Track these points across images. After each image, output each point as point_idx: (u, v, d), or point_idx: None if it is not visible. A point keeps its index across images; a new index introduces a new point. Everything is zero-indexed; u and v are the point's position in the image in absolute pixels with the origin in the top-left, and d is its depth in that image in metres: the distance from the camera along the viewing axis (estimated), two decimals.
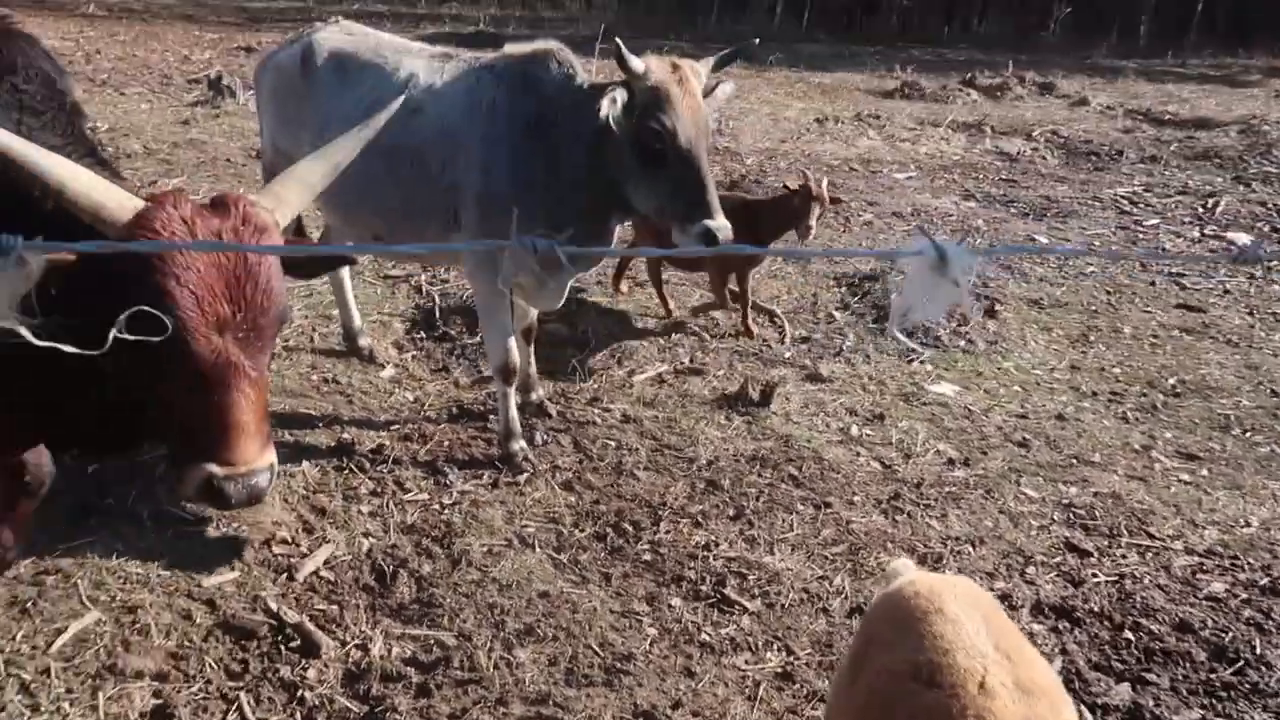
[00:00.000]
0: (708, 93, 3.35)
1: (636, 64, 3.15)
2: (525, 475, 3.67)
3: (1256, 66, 20.46)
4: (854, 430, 4.17)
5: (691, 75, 3.19)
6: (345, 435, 3.90)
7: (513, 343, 3.70)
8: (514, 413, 3.78)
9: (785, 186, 4.95)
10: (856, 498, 3.63)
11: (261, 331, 2.03)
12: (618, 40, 3.16)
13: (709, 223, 3.15)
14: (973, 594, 1.81)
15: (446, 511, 3.44)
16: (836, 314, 5.45)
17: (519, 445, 3.76)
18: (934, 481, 3.77)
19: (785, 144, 10.70)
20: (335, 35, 3.95)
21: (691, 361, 4.75)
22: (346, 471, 3.64)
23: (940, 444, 4.08)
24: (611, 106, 3.12)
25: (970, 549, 3.35)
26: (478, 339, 4.69)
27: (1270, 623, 3.04)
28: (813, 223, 4.73)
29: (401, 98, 2.76)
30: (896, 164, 9.80)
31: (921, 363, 4.89)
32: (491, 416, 4.03)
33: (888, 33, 22.42)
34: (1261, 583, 3.24)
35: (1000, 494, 3.71)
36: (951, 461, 3.94)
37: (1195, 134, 12.11)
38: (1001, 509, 3.62)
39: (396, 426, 4.03)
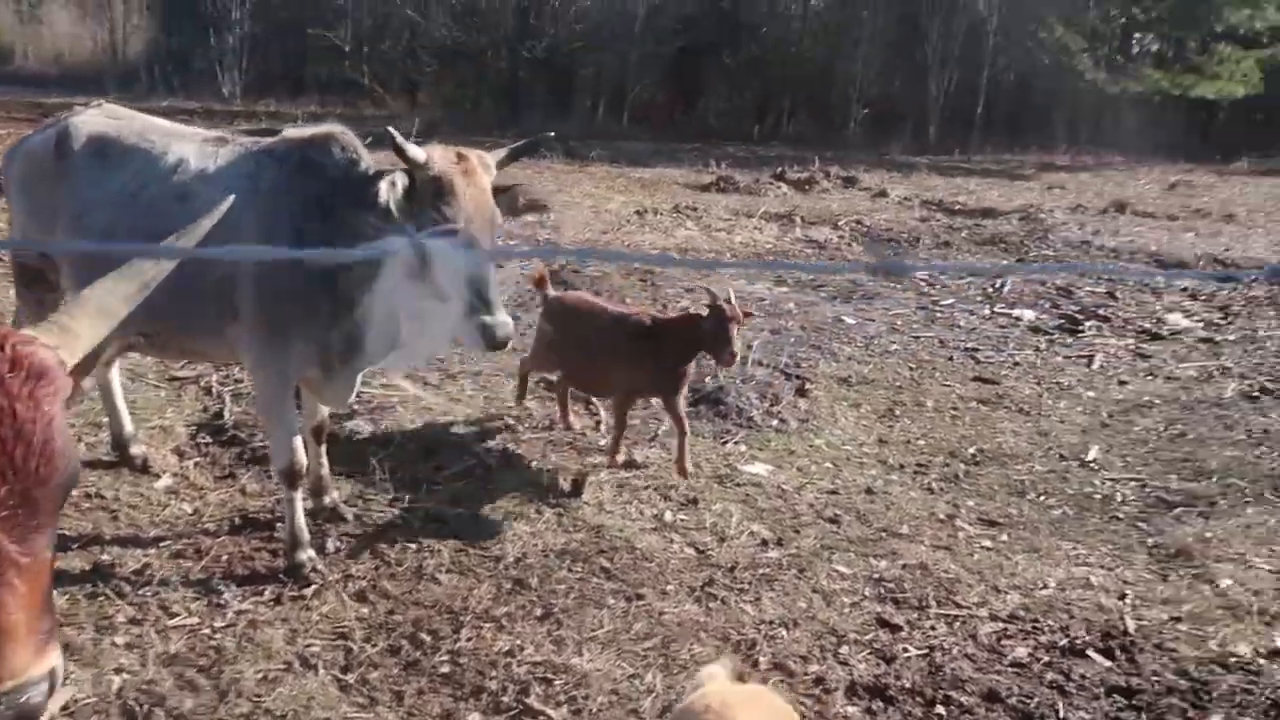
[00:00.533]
0: (504, 189, 3.23)
1: (416, 152, 3.01)
2: (314, 588, 3.35)
3: (1030, 162, 22.65)
4: (668, 516, 4.08)
5: (479, 166, 3.07)
6: (104, 557, 3.46)
7: (299, 442, 3.42)
8: (301, 520, 3.47)
9: (694, 313, 4.42)
10: (670, 587, 3.50)
11: (37, 507, 1.52)
12: (391, 130, 3.01)
13: (487, 318, 2.97)
14: (769, 710, 1.69)
15: (218, 635, 3.07)
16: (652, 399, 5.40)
17: (307, 555, 3.44)
18: (748, 564, 3.70)
19: (607, 235, 10.83)
20: (95, 118, 3.64)
21: (503, 454, 4.56)
22: (101, 599, 3.21)
23: (754, 525, 4.03)
24: (390, 191, 2.97)
25: (784, 632, 3.27)
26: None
27: (1071, 684, 3.08)
28: (736, 347, 4.08)
29: (230, 199, 2.43)
30: (713, 252, 10.08)
31: (736, 444, 4.89)
32: (279, 525, 3.69)
33: (704, 131, 23.50)
34: (1061, 644, 3.30)
35: (813, 573, 3.67)
36: (765, 542, 3.89)
37: (982, 222, 13.13)
38: (815, 588, 3.57)
39: (168, 543, 3.62)
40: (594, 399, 5.17)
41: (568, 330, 4.65)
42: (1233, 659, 3.23)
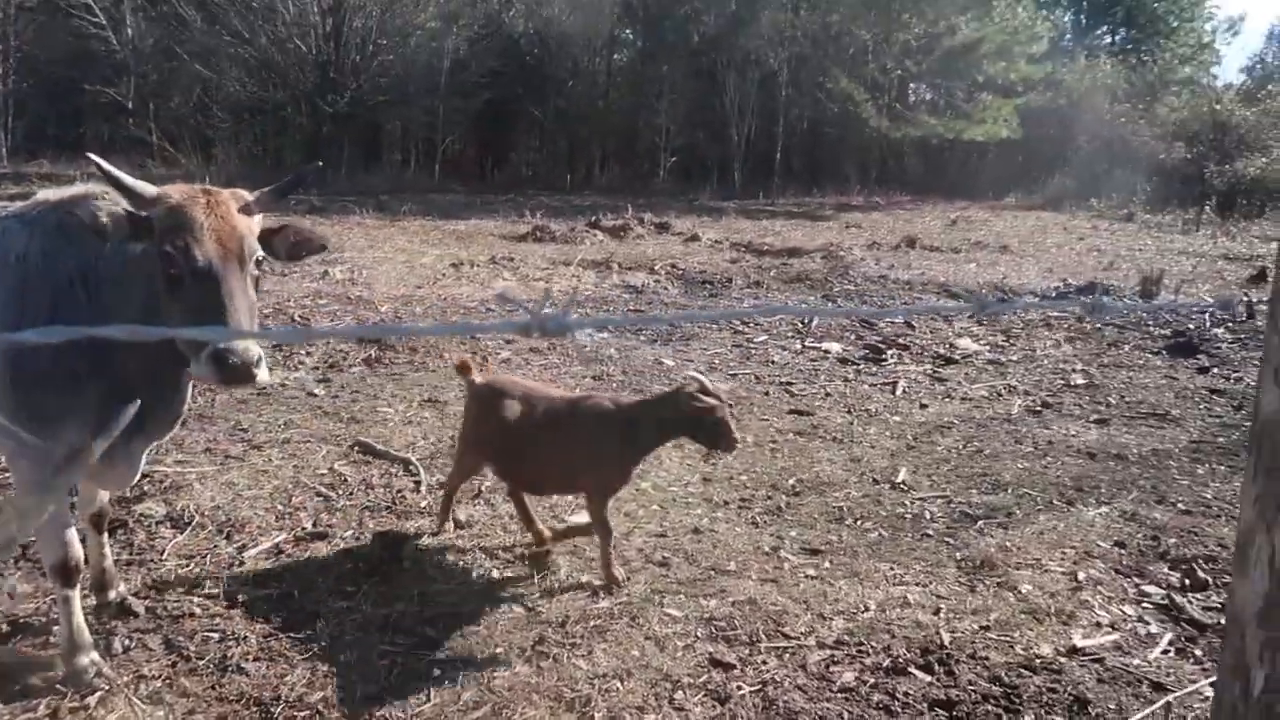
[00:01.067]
0: (274, 230, 3.01)
1: (143, 188, 2.77)
2: (98, 695, 3.00)
3: (829, 204, 24.02)
4: (494, 575, 3.94)
5: (230, 199, 2.86)
6: None
7: (73, 534, 3.07)
8: (79, 620, 3.10)
9: (668, 393, 3.96)
10: (498, 649, 3.36)
11: None
12: (96, 159, 2.77)
13: (219, 346, 2.57)
14: None
15: None
16: None
17: (89, 659, 3.08)
18: (579, 617, 3.61)
19: (421, 289, 10.62)
20: None
21: (315, 525, 4.29)
22: None
23: (584, 575, 3.96)
24: (109, 222, 2.75)
25: (619, 684, 3.20)
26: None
27: (896, 703, 3.17)
28: (735, 433, 3.78)
29: None
30: (532, 302, 10.03)
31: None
32: (55, 629, 3.30)
33: (517, 182, 23.58)
34: (885, 664, 3.39)
35: (645, 619, 3.63)
36: (595, 593, 3.82)
37: (789, 261, 13.77)
38: (647, 635, 3.53)
39: None
40: (411, 462, 4.97)
41: (507, 422, 3.97)
42: (1037, 660, 3.42)
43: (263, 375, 2.76)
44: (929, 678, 3.32)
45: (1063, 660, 3.43)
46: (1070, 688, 3.24)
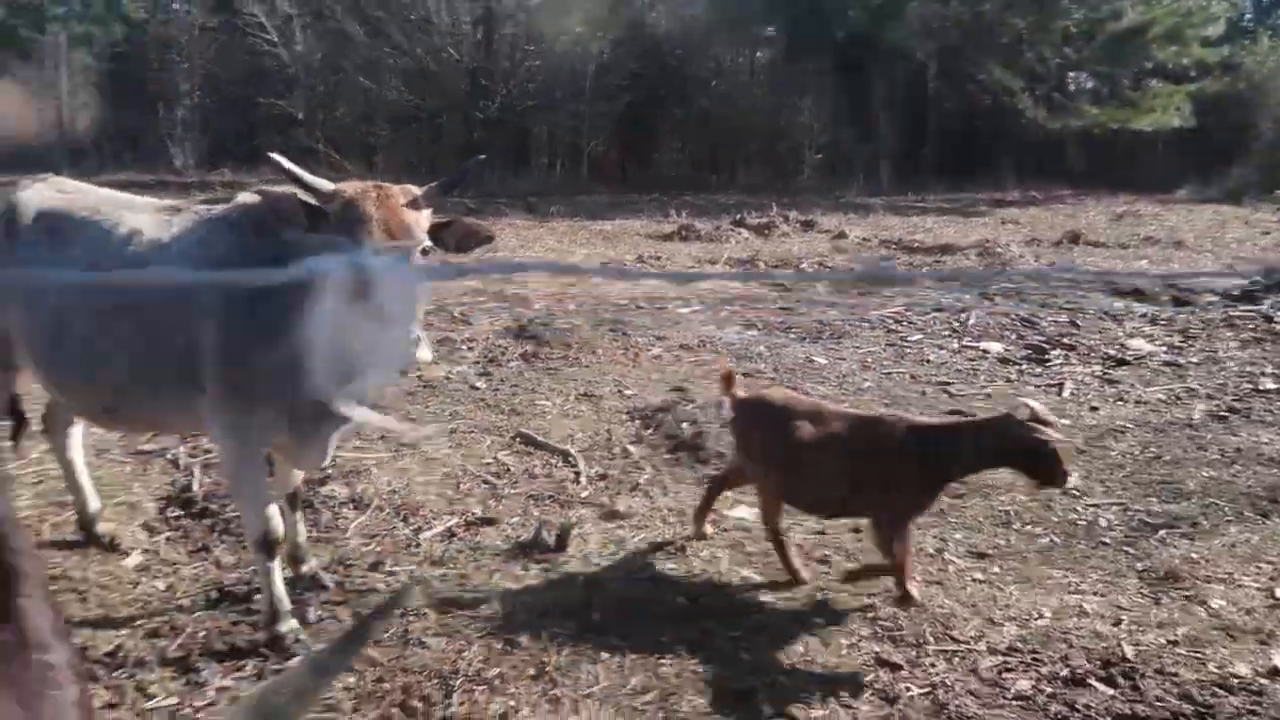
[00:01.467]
0: (443, 225, 3.17)
1: (321, 184, 3.00)
2: (297, 660, 3.22)
3: (982, 199, 23.12)
4: (657, 566, 4.00)
5: (399, 193, 3.03)
6: (75, 640, 3.30)
7: (274, 510, 3.32)
8: (280, 590, 3.35)
9: (987, 419, 3.66)
10: (664, 638, 3.41)
11: None
12: (277, 157, 3.00)
13: None
14: None
15: (200, 715, 2.94)
16: (631, 448, 5.36)
17: (288, 626, 3.32)
18: (741, 610, 3.63)
19: (573, 286, 10.85)
20: (43, 193, 3.57)
21: (483, 511, 4.47)
22: None
23: (744, 570, 3.97)
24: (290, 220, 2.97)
25: (784, 678, 3.20)
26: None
27: (1076, 714, 3.04)
28: (1073, 477, 3.58)
29: None
30: (680, 300, 10.11)
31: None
32: (256, 597, 3.57)
33: (660, 182, 23.76)
34: (1062, 674, 3.25)
35: (808, 615, 3.61)
36: (757, 587, 3.83)
37: (942, 258, 13.36)
38: (810, 630, 3.50)
39: (142, 621, 3.48)
40: (570, 453, 5.11)
41: (792, 439, 3.69)
42: (1234, 680, 3.21)
43: (423, 354, 2.96)
44: (1112, 691, 3.17)
45: (1263, 681, 3.20)
46: (1273, 710, 3.02)
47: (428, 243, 3.07)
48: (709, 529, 4.24)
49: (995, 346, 8.12)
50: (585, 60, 28.85)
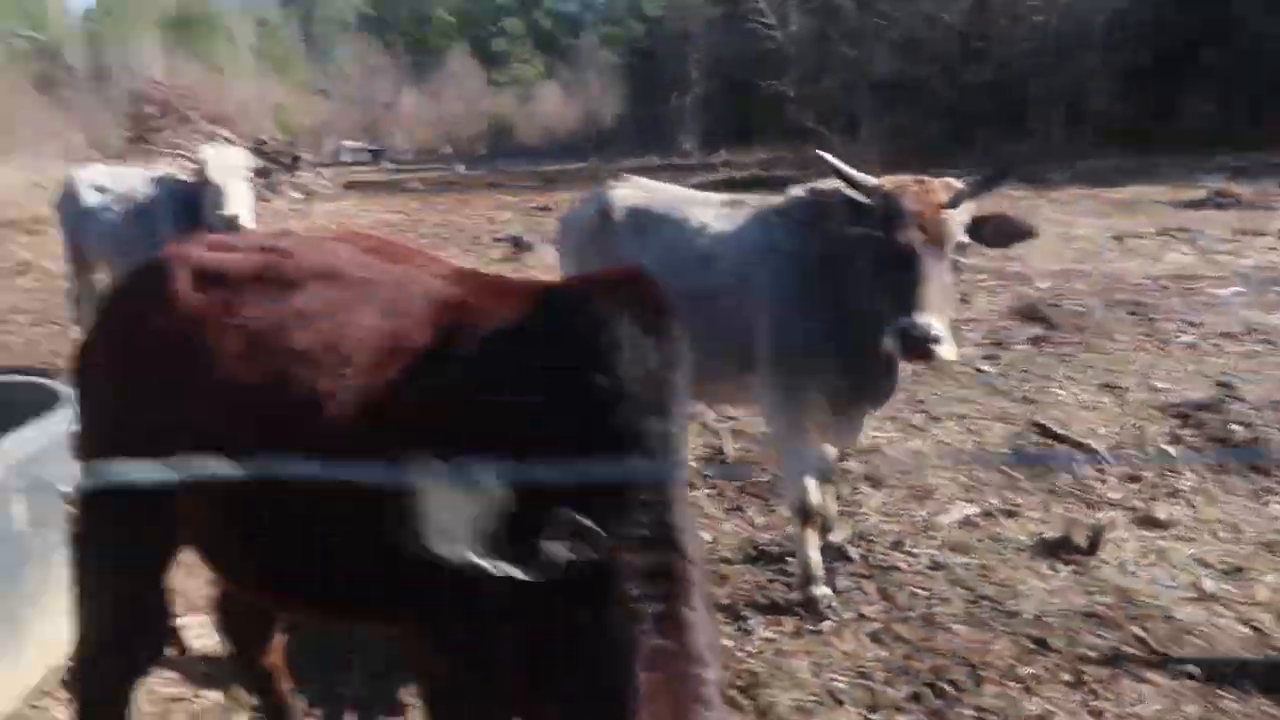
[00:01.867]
0: (984, 220, 3.14)
1: (865, 179, 3.16)
2: (830, 624, 3.48)
3: None
4: (1207, 585, 3.61)
5: (938, 189, 3.06)
6: None
7: (813, 482, 3.59)
8: (816, 556, 3.63)
9: None
10: (1227, 669, 3.09)
11: None
12: (825, 154, 3.27)
13: (904, 319, 2.93)
14: None
15: (750, 660, 3.31)
16: (1169, 448, 4.86)
17: (822, 591, 3.59)
18: None
19: (1082, 264, 10.03)
20: (630, 192, 4.18)
21: (1002, 502, 4.39)
22: None
23: None
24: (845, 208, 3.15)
25: None
26: (768, 476, 4.62)
27: None
28: None
29: None
30: (1216, 279, 8.84)
31: None
32: (788, 559, 3.90)
33: (1186, 141, 20.76)
34: None
35: None
36: None
37: None
38: None
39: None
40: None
41: None
42: None
43: (944, 351, 2.97)
44: None
45: None
46: None
47: (965, 239, 3.10)
48: None
49: None
50: (1094, 10, 26.10)
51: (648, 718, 1.49)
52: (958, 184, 3.17)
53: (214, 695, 3.07)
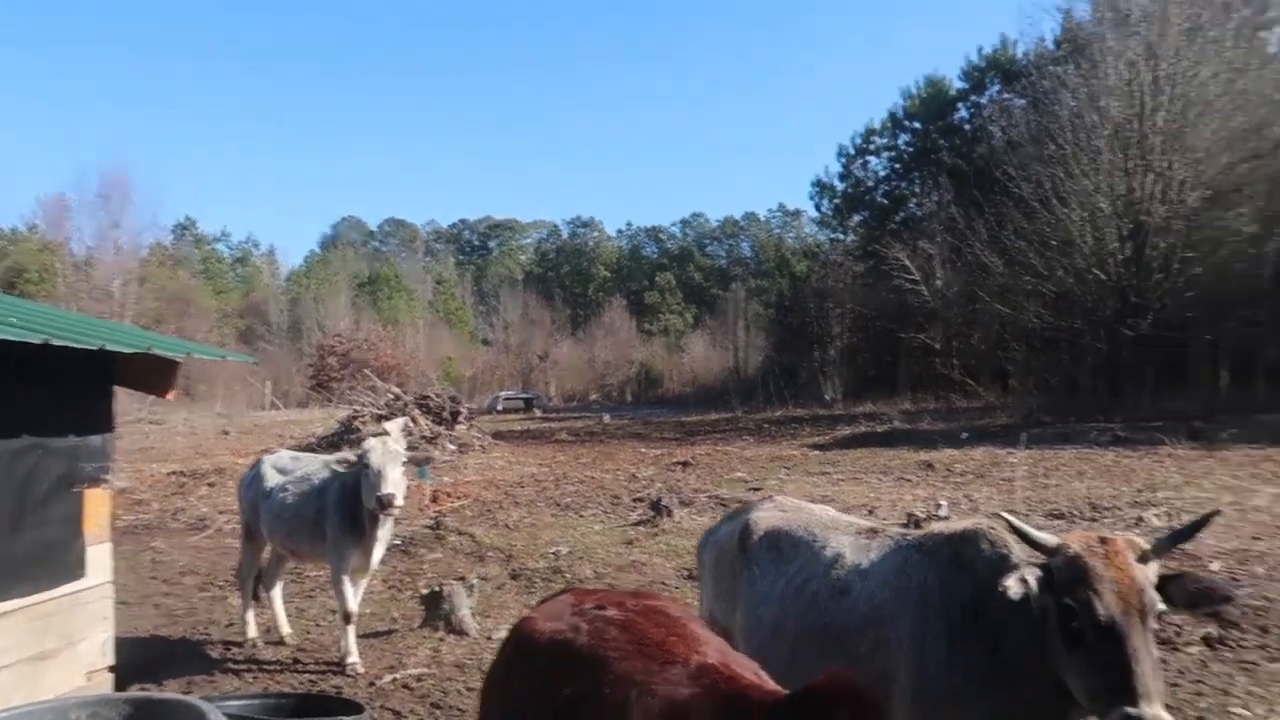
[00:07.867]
0: (1170, 578, 2.86)
1: (1044, 538, 2.88)
2: None
3: None
4: None
5: (1126, 548, 2.80)
6: None
7: None
8: None
9: None
10: None
11: None
12: (1007, 516, 2.99)
13: (1130, 710, 2.50)
14: None
15: None
16: None
17: None
18: None
19: (1259, 542, 9.17)
20: (770, 513, 4.13)
21: None
22: None
23: None
24: (1020, 585, 2.83)
25: None
26: None
27: None
28: None
29: None
30: None
31: None
32: None
33: None
34: None
35: None
36: None
37: None
38: None
39: None
40: None
41: None
42: None
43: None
44: None
45: None
46: None
47: (1161, 605, 2.83)
48: None
49: None
50: (1260, 262, 25.46)
51: None
52: (1142, 542, 2.88)
53: None
